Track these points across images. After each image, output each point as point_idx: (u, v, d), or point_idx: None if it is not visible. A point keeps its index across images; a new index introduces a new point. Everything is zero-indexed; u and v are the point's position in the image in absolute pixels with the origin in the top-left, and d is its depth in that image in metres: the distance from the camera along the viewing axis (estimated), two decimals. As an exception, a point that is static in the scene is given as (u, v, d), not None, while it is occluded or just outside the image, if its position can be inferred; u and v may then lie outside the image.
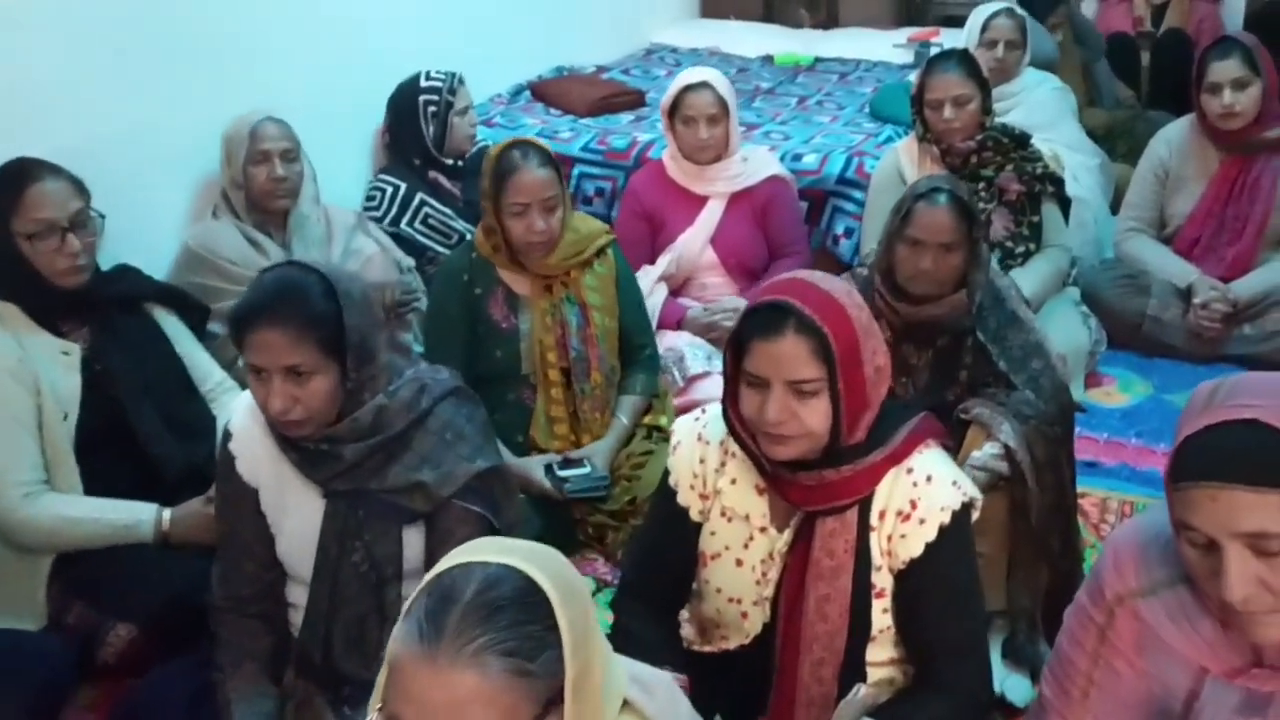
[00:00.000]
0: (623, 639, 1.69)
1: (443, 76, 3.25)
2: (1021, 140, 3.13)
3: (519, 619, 0.94)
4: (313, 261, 1.68)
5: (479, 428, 1.78)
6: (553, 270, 2.51)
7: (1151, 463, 2.71)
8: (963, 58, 3.08)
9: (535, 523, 2.22)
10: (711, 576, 1.68)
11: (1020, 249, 3.11)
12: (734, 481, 1.65)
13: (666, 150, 3.19)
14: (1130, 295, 3.22)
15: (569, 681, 0.94)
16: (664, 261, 3.13)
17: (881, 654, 1.61)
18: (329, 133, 3.32)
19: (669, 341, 2.99)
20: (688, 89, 3.06)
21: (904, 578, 1.55)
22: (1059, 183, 3.18)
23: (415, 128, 3.22)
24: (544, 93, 4.03)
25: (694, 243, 3.11)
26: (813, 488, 1.55)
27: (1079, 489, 2.45)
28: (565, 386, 2.54)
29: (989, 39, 3.67)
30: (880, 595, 1.58)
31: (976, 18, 3.71)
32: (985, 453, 2.12)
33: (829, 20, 5.51)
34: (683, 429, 1.71)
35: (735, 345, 1.52)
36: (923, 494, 1.53)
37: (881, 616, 1.59)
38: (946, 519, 1.52)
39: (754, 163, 3.16)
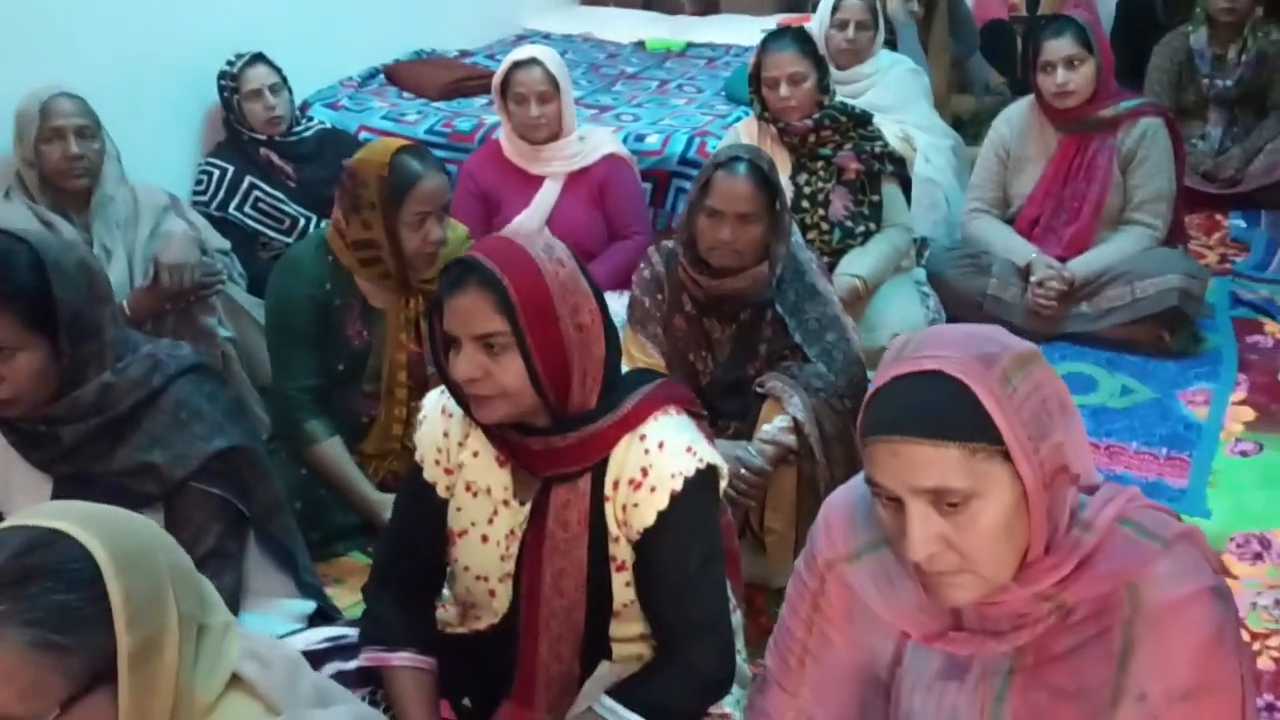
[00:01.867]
0: (367, 624, 1.62)
1: (233, 59, 3.16)
2: (861, 119, 3.10)
3: (51, 587, 0.87)
4: (22, 231, 1.57)
5: (221, 406, 1.69)
6: (430, 285, 2.31)
7: (977, 439, 2.69)
8: (797, 35, 3.04)
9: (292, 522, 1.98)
10: (460, 554, 1.61)
11: (860, 228, 3.08)
12: (476, 455, 1.58)
13: (502, 130, 3.12)
14: (972, 275, 3.21)
15: (122, 657, 0.87)
16: (499, 244, 3.06)
17: (628, 630, 1.56)
18: (154, 112, 3.22)
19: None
20: (516, 66, 3.00)
21: (640, 548, 1.50)
22: (900, 162, 3.16)
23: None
24: (397, 76, 3.94)
25: (529, 224, 3.04)
26: (540, 454, 1.49)
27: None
28: (409, 403, 2.39)
29: (840, 20, 3.65)
30: (621, 568, 1.52)
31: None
32: (774, 426, 2.09)
33: (709, 6, 5.48)
34: (430, 402, 1.64)
35: (437, 307, 1.46)
36: (654, 461, 1.47)
37: (624, 590, 1.53)
38: (678, 486, 1.46)
39: (591, 142, 3.11)
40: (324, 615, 1.85)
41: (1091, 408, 2.79)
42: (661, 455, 1.47)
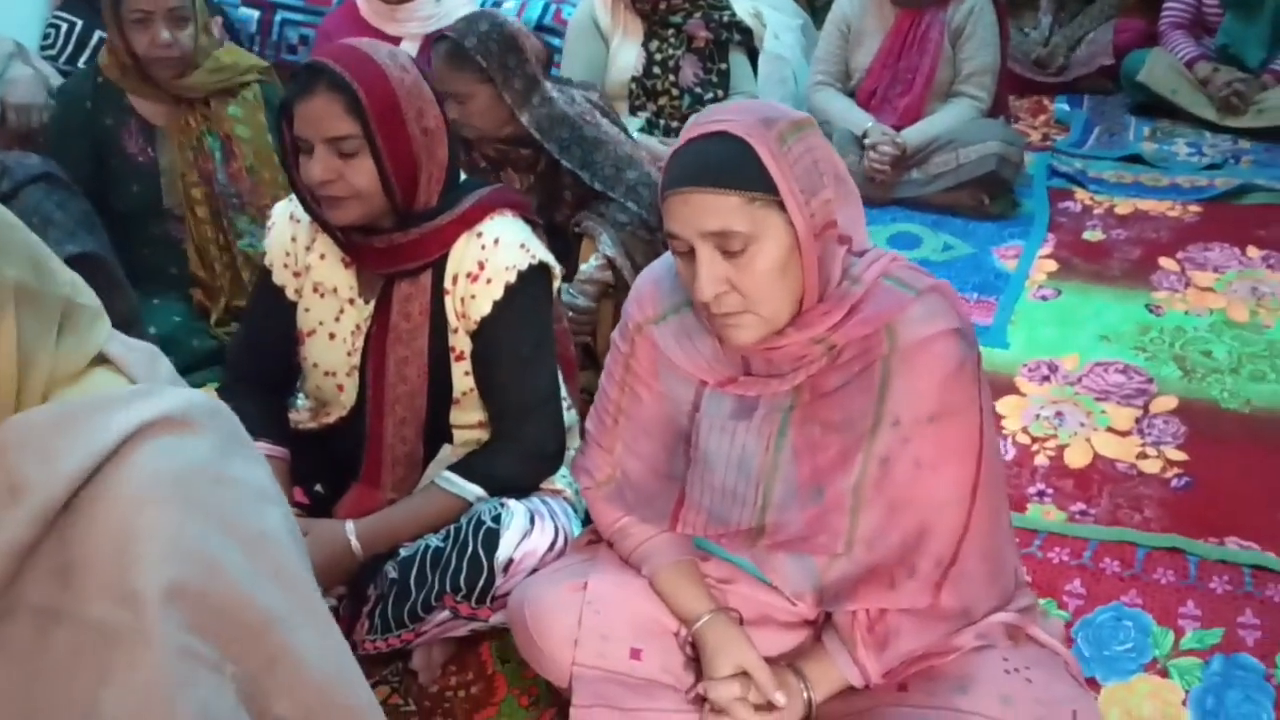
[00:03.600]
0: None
1: None
2: (709, -12, 3.23)
3: None
4: None
5: (73, 215, 1.75)
6: (188, 92, 2.38)
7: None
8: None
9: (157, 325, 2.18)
10: (309, 353, 1.72)
11: (709, 95, 3.22)
12: (323, 256, 1.69)
13: (360, -11, 3.15)
14: (813, 142, 3.40)
15: None
16: (357, 103, 3.11)
17: (467, 417, 1.70)
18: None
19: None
20: (369, -79, 3.02)
21: (477, 337, 1.63)
22: (747, 32, 3.30)
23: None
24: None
25: (387, 84, 3.09)
26: (384, 251, 1.60)
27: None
28: (215, 222, 2.42)
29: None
30: (460, 358, 1.66)
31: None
32: (588, 265, 2.23)
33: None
34: (278, 211, 1.73)
35: (285, 111, 1.55)
36: (490, 255, 1.60)
37: (463, 379, 1.67)
38: (513, 278, 1.60)
39: (447, 4, 3.15)
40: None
41: (915, 260, 3.01)
42: (497, 250, 1.61)
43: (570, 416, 1.82)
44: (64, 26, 3.07)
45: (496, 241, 1.61)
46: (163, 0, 2.25)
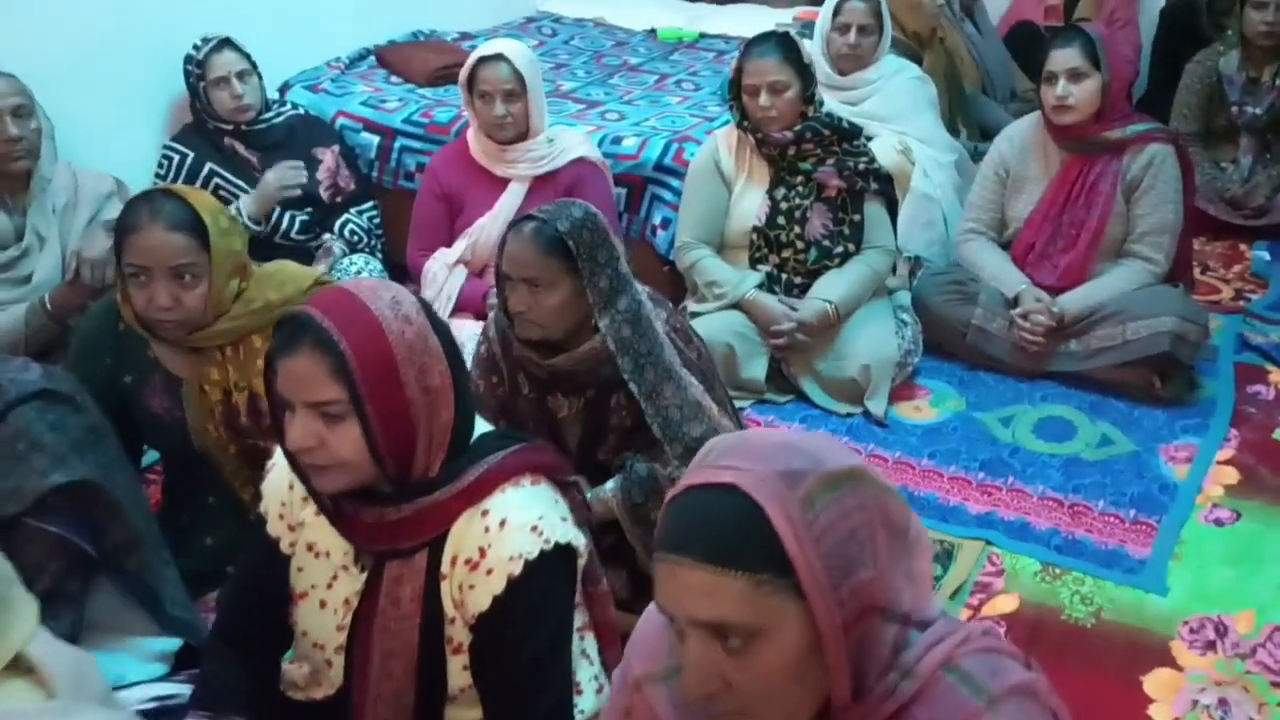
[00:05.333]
0: (199, 686, 1.53)
1: (199, 43, 3.04)
2: (847, 133, 2.94)
3: None
4: None
5: (69, 435, 1.59)
6: (207, 344, 1.96)
7: (934, 488, 2.54)
8: (781, 40, 2.88)
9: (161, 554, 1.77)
10: (300, 618, 1.51)
11: (838, 249, 2.92)
12: (318, 513, 1.47)
13: (470, 128, 3.00)
14: (957, 303, 3.03)
15: None
16: (460, 246, 2.95)
17: (465, 715, 1.45)
18: (118, 95, 3.14)
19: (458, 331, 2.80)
20: (482, 61, 2.87)
21: (477, 632, 1.38)
22: (886, 180, 2.99)
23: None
24: (387, 59, 3.81)
25: (492, 228, 2.92)
26: (372, 526, 1.37)
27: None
28: (244, 469, 2.02)
29: (841, 23, 3.47)
30: (458, 650, 1.41)
31: (830, 1, 3.51)
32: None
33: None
34: (280, 453, 1.53)
35: (270, 365, 1.34)
36: (494, 540, 1.35)
37: (460, 674, 1.42)
38: (518, 570, 1.34)
39: (561, 144, 2.97)
40: (192, 651, 1.76)
41: (1064, 458, 2.62)
42: (502, 535, 1.35)
43: (602, 698, 1.54)
44: (175, 159, 3.04)
45: (503, 524, 1.36)
46: (162, 255, 1.85)
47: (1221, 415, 2.78)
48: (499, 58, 2.85)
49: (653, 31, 4.54)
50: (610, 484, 1.96)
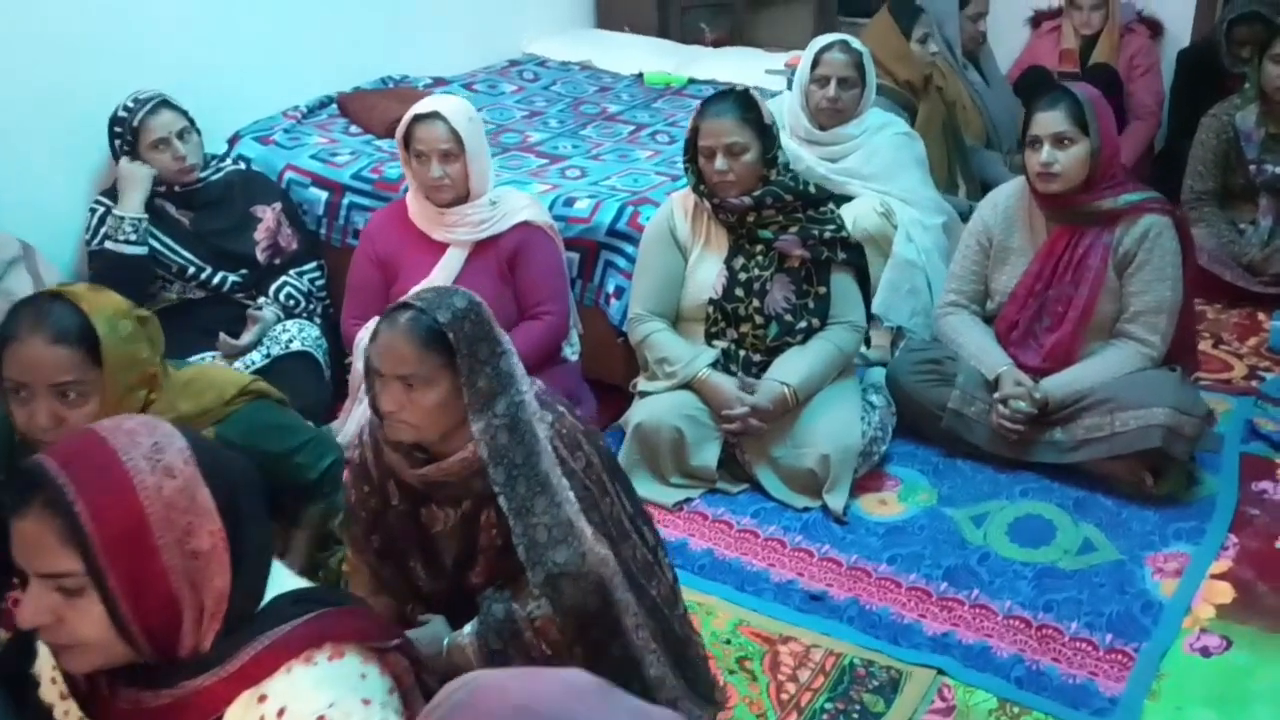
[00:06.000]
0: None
1: (130, 105, 2.87)
2: (812, 199, 2.71)
3: None
4: None
5: None
6: None
7: (889, 600, 2.28)
8: (740, 99, 2.66)
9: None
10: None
11: (801, 324, 2.69)
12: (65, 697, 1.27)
13: (409, 188, 2.81)
14: (933, 384, 2.79)
15: None
16: (393, 316, 2.74)
17: None
18: (50, 151, 2.99)
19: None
20: (417, 119, 2.68)
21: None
22: (855, 249, 2.76)
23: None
24: (349, 107, 3.64)
25: (427, 296, 2.72)
26: (128, 714, 1.16)
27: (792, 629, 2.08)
28: None
29: (820, 75, 3.24)
30: None
31: (809, 51, 3.28)
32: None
33: (734, 37, 5.07)
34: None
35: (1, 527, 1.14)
36: (268, 734, 1.14)
37: None
38: (296, 775, 1.13)
39: (504, 207, 2.77)
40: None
41: (1039, 567, 2.36)
42: (277, 727, 1.14)
43: None
44: (100, 211, 2.88)
45: (281, 713, 1.14)
46: (43, 372, 1.65)
47: (1221, 518, 2.51)
48: (435, 116, 2.66)
49: (640, 76, 4.35)
50: (468, 628, 1.74)
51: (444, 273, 2.73)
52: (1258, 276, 3.54)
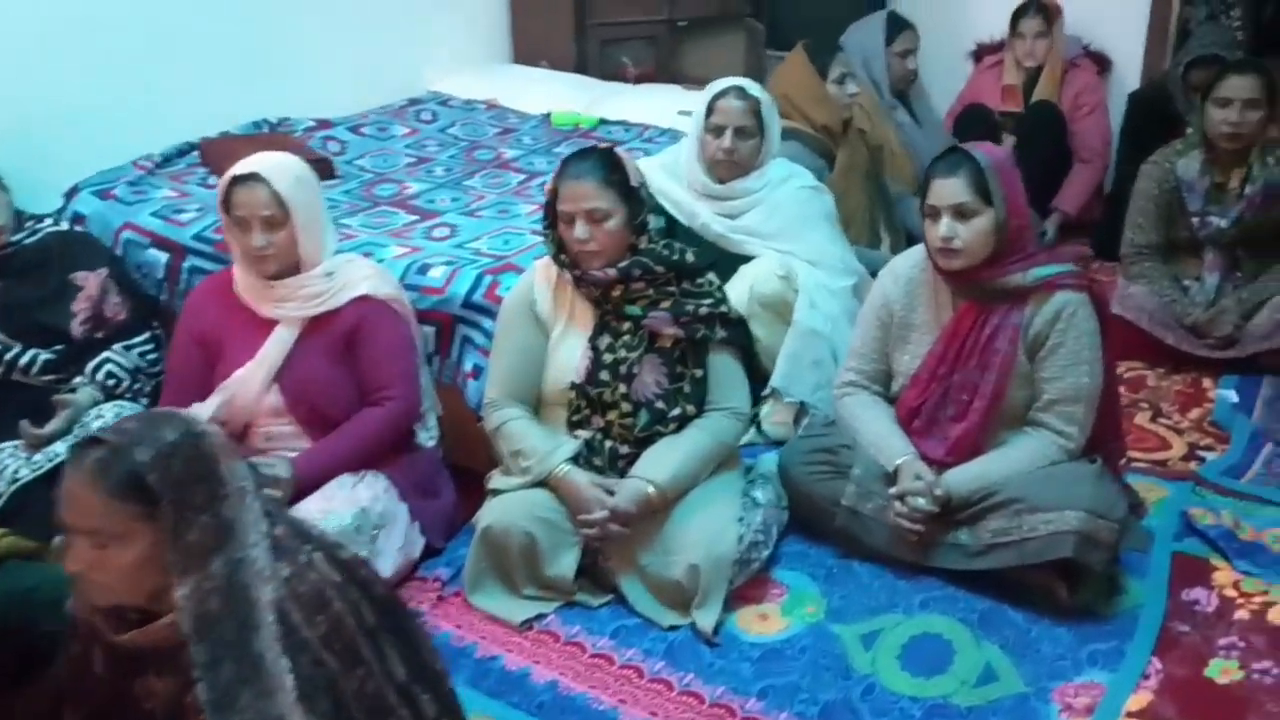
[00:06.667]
0: None
1: None
2: (688, 269, 2.41)
3: None
4: None
5: None
6: None
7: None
8: (603, 159, 2.36)
9: None
10: None
11: (675, 411, 2.38)
12: None
13: (234, 257, 2.49)
14: (826, 477, 2.47)
15: None
16: (214, 402, 2.42)
17: None
18: None
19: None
20: (235, 182, 2.36)
21: None
22: (737, 326, 2.46)
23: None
24: (211, 154, 3.33)
25: (252, 380, 2.40)
26: None
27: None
28: None
29: (715, 124, 2.95)
30: None
31: (703, 97, 2.99)
32: None
33: (659, 71, 4.77)
34: None
35: None
36: None
37: None
38: None
39: (341, 278, 2.45)
40: None
41: (929, 703, 2.04)
42: None
43: None
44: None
45: None
46: None
47: (1144, 638, 2.19)
48: (254, 178, 2.34)
49: (548, 117, 4.06)
50: None
51: (272, 353, 2.41)
52: (1203, 339, 3.24)
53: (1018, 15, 4.41)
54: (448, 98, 4.21)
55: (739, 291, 2.87)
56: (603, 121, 4.00)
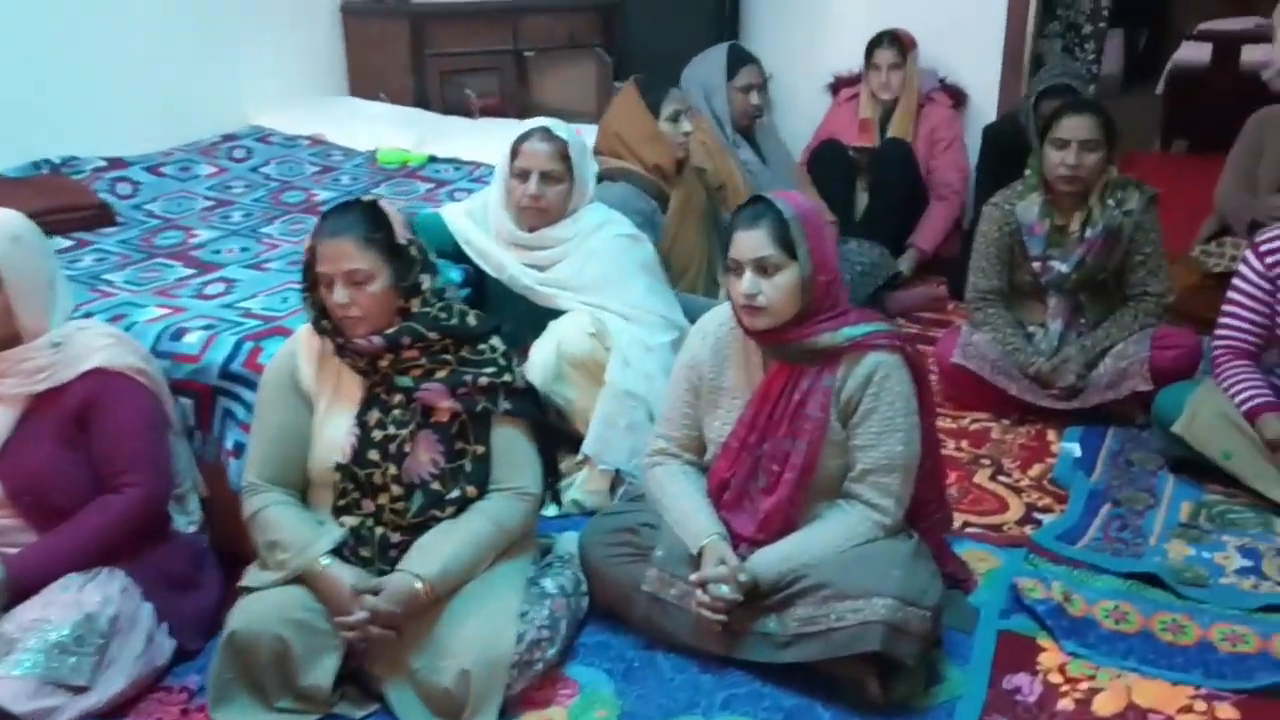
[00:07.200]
0: None
1: None
2: (468, 334, 2.17)
3: None
4: None
5: None
6: None
7: None
8: (365, 214, 2.11)
9: None
10: None
11: (453, 493, 2.14)
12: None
13: (-50, 325, 2.18)
14: (627, 560, 2.25)
15: None
16: (-80, 493, 2.11)
17: None
18: None
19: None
20: (-65, 244, 2.06)
21: None
22: (524, 396, 2.22)
23: None
24: (-24, 201, 2.99)
25: (-34, 468, 2.10)
26: None
27: None
28: None
29: (520, 168, 2.72)
30: None
31: (511, 139, 2.76)
32: None
33: (507, 103, 4.54)
34: None
35: None
36: None
37: None
38: None
39: (72, 349, 2.15)
40: None
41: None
42: None
43: None
44: None
45: None
46: None
47: (959, 738, 2.01)
48: (-40, 242, 2.05)
49: (374, 154, 3.80)
50: None
51: (-11, 436, 2.11)
52: (1046, 389, 3.11)
53: (872, 46, 4.30)
54: (269, 133, 3.92)
55: (546, 350, 2.66)
56: (432, 159, 3.76)
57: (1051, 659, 2.20)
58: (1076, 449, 2.97)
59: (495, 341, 2.22)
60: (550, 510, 2.55)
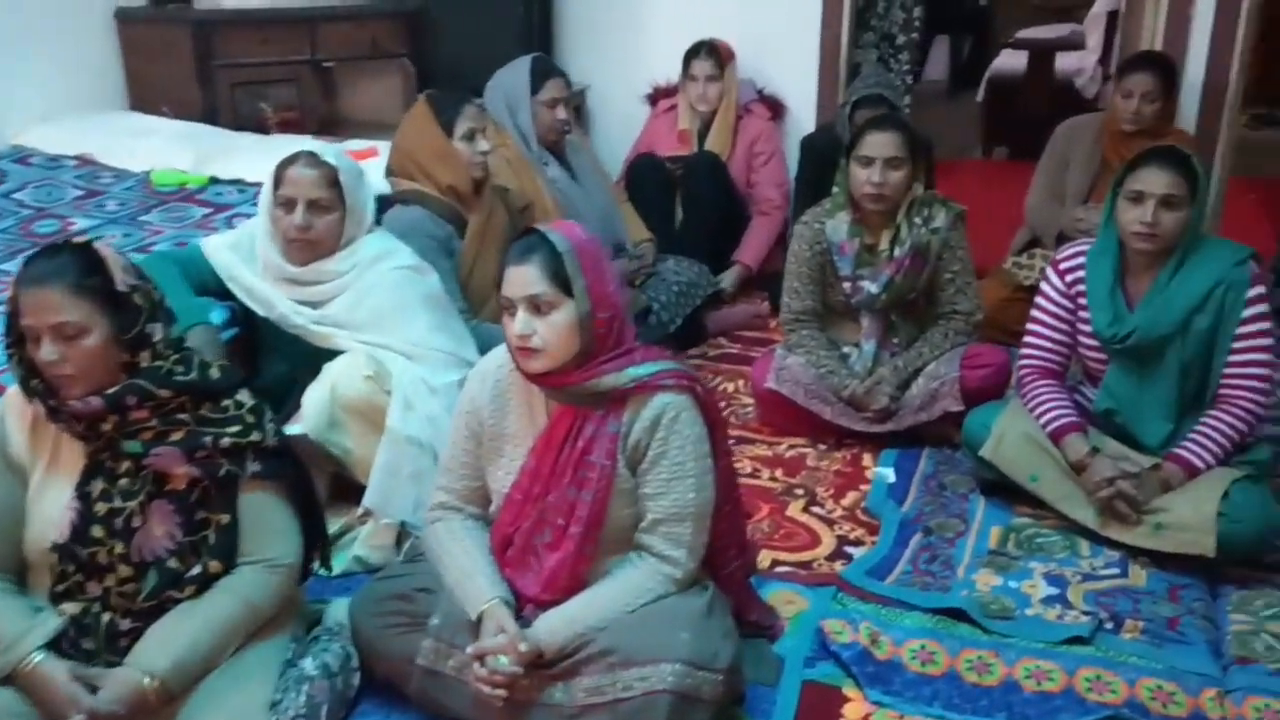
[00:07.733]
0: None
1: None
2: (208, 389, 1.93)
3: None
4: None
5: None
6: None
7: None
8: (75, 257, 1.84)
9: None
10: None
11: (194, 570, 1.90)
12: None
13: None
14: (402, 630, 2.05)
15: None
16: None
17: None
18: None
19: None
20: None
21: None
22: (276, 455, 1.98)
23: None
24: None
25: None
26: None
27: None
28: None
29: (285, 196, 2.48)
30: None
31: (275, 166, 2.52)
32: None
33: (308, 117, 4.26)
34: None
35: None
36: None
37: None
38: None
39: None
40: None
41: None
42: None
43: None
44: None
45: None
46: None
47: (753, 810, 1.87)
48: None
49: (148, 175, 3.48)
50: None
51: None
52: (861, 413, 3.03)
53: (689, 57, 4.19)
54: (30, 153, 3.57)
55: (320, 396, 2.43)
56: (214, 181, 3.46)
57: (856, 710, 2.10)
58: (890, 474, 2.90)
59: (243, 396, 1.98)
60: (338, 564, 2.34)
